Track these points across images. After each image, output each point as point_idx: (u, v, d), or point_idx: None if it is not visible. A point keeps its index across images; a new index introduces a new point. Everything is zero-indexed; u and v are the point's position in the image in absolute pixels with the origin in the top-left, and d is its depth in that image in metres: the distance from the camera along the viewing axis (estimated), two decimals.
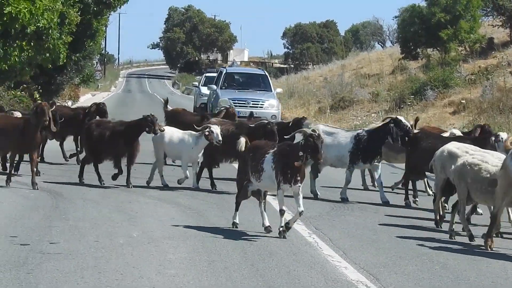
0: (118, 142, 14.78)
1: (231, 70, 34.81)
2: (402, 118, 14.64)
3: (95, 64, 62.97)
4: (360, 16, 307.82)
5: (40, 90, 33.41)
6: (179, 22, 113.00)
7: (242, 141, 11.14)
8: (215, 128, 14.39)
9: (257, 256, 9.48)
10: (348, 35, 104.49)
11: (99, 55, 61.47)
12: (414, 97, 36.30)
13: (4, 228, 10.57)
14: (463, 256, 10.12)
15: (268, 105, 29.09)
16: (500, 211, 10.69)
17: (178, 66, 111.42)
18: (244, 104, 28.53)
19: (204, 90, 36.93)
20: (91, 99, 55.37)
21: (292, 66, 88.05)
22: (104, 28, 36.30)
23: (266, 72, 34.08)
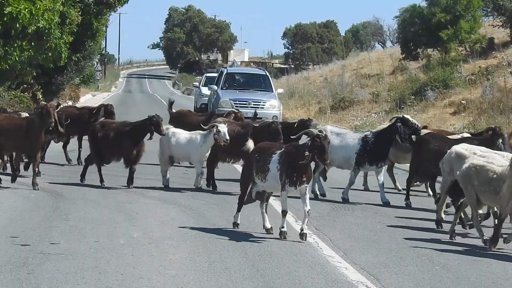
0: (124, 143, 14.73)
1: (232, 70, 34.55)
2: (409, 117, 14.56)
3: (96, 64, 62.96)
4: (361, 16, 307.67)
5: (41, 90, 33.44)
6: (180, 22, 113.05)
7: (250, 143, 11.11)
8: (222, 127, 14.29)
9: (257, 257, 9.48)
10: (349, 35, 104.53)
11: (99, 55, 61.50)
12: (415, 97, 36.29)
13: (5, 228, 10.58)
14: (463, 256, 10.12)
15: (269, 105, 28.95)
16: (507, 211, 10.56)
17: (179, 66, 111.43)
18: (245, 104, 28.41)
19: (205, 91, 36.85)
20: (91, 99, 55.42)
21: (292, 66, 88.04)
22: (104, 29, 36.29)
23: (267, 72, 33.90)
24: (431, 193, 15.48)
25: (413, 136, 14.21)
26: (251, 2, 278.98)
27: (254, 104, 28.48)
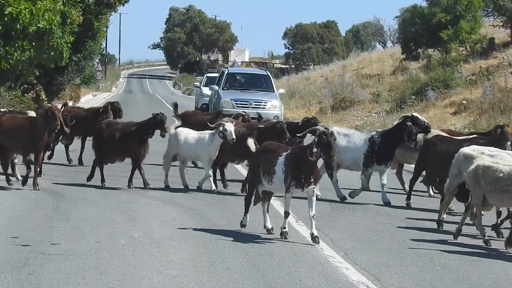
0: (130, 142, 14.68)
1: (233, 71, 34.31)
2: (418, 115, 14.51)
3: (96, 65, 63.01)
4: (361, 16, 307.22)
5: (44, 90, 33.46)
6: (180, 22, 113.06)
7: (250, 141, 11.04)
8: (229, 126, 14.20)
9: (258, 257, 9.48)
10: (349, 36, 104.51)
11: (100, 55, 61.56)
12: (415, 97, 36.30)
13: (5, 228, 10.58)
14: (464, 256, 10.11)
15: (271, 106, 28.78)
16: None
17: (179, 66, 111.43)
18: (246, 104, 28.29)
19: (206, 91, 36.79)
20: (92, 99, 55.42)
21: (293, 66, 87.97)
22: (105, 29, 36.31)
23: (269, 73, 33.77)
24: (432, 193, 15.49)
25: (420, 137, 14.12)
26: (252, 2, 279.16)
27: (255, 105, 28.36)
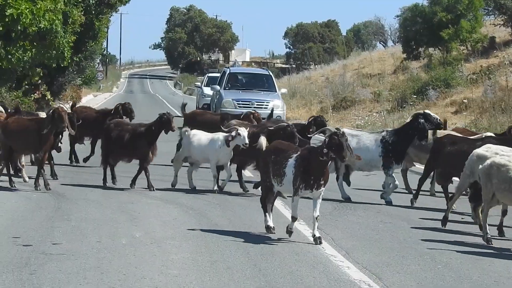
0: (139, 143, 14.60)
1: (234, 70, 34.02)
2: (430, 112, 14.48)
3: (97, 65, 63.03)
4: (362, 15, 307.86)
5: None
6: (181, 22, 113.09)
7: (262, 140, 10.98)
8: (243, 131, 14.04)
9: (259, 256, 9.48)
10: (350, 35, 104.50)
11: (100, 55, 61.58)
12: (416, 96, 36.31)
13: (7, 228, 10.58)
14: (465, 255, 10.11)
15: (273, 106, 28.61)
16: None
17: (180, 66, 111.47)
18: (248, 105, 28.16)
19: (207, 91, 36.77)
20: (93, 99, 55.47)
21: (293, 66, 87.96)
22: (106, 29, 36.32)
23: (270, 72, 33.65)
24: (434, 192, 15.48)
25: (432, 138, 14.11)
26: (252, 2, 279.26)
27: (257, 105, 28.21)
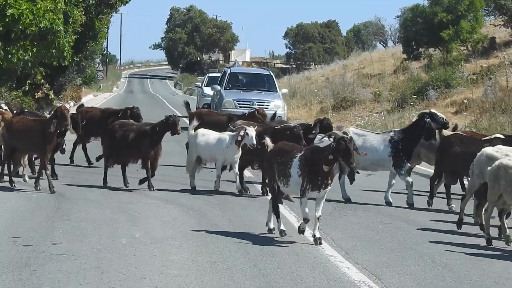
0: (143, 143, 14.57)
1: (235, 70, 33.76)
2: (436, 111, 14.49)
3: (97, 65, 63.04)
4: (362, 16, 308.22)
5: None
6: (181, 23, 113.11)
7: (268, 141, 10.94)
8: (250, 131, 13.94)
9: (259, 257, 9.48)
10: (350, 35, 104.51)
11: (101, 55, 61.61)
12: (416, 97, 36.29)
13: (7, 228, 10.58)
14: (465, 256, 10.12)
15: (274, 106, 28.33)
16: None
17: (180, 66, 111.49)
18: (249, 105, 28.04)
19: (207, 91, 36.71)
20: (93, 99, 55.45)
21: (294, 66, 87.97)
22: (106, 29, 36.32)
23: (271, 72, 33.52)
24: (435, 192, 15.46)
25: (438, 136, 14.11)
26: (253, 2, 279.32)
27: (258, 105, 27.98)
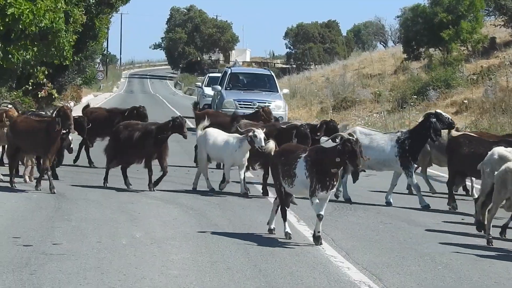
0: (147, 142, 14.51)
1: (236, 70, 33.61)
2: (441, 111, 14.49)
3: (97, 65, 63.03)
4: (362, 16, 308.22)
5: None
6: (181, 23, 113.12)
7: (271, 144, 10.93)
8: (259, 133, 13.79)
9: (259, 257, 9.48)
10: (350, 35, 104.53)
11: (101, 55, 61.59)
12: (417, 97, 36.29)
13: (7, 229, 10.58)
14: (465, 256, 10.11)
15: (275, 106, 28.12)
16: None
17: (180, 66, 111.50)
18: (249, 105, 28.00)
19: (208, 91, 36.68)
20: (93, 99, 55.42)
21: (294, 66, 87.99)
22: (106, 29, 36.31)
23: (272, 72, 33.29)
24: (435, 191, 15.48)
25: (447, 136, 14.12)
26: (253, 2, 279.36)
27: (259, 105, 27.98)
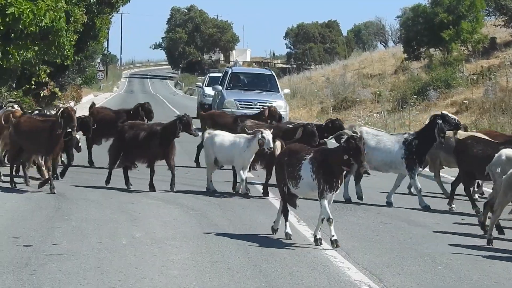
0: (153, 144, 14.46)
1: (237, 70, 33.56)
2: (447, 113, 14.50)
3: (98, 65, 63.00)
4: (362, 16, 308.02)
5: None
6: (182, 22, 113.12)
7: (278, 145, 10.89)
8: (267, 134, 13.70)
9: (260, 257, 9.48)
10: (351, 35, 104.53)
11: (101, 55, 61.56)
12: (417, 97, 36.31)
13: (7, 229, 10.58)
14: (465, 256, 10.12)
15: (276, 106, 28.33)
16: None
17: (181, 66, 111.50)
18: (250, 105, 27.96)
19: (208, 91, 36.66)
20: (93, 99, 55.41)
21: (294, 66, 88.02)
22: (107, 29, 36.29)
23: (273, 72, 33.18)
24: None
25: (453, 137, 14.12)
26: (253, 2, 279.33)
27: (260, 105, 27.79)
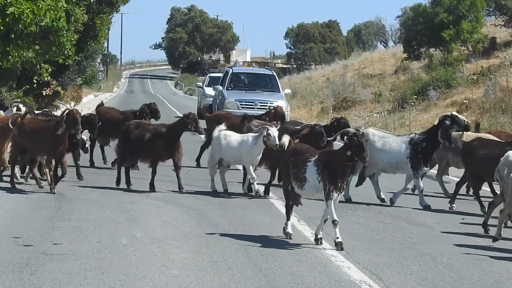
0: (159, 144, 14.41)
1: (237, 70, 33.31)
2: (457, 114, 14.49)
3: (98, 65, 62.99)
4: (363, 16, 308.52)
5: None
6: (182, 22, 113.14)
7: (286, 138, 10.86)
8: (273, 131, 13.71)
9: (260, 256, 9.48)
10: (351, 35, 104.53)
11: (101, 55, 61.55)
12: (417, 97, 36.31)
13: (7, 229, 10.58)
14: (466, 255, 10.12)
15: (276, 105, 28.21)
16: None
17: (181, 66, 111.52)
18: (251, 105, 27.90)
19: (209, 91, 36.59)
20: (93, 100, 55.42)
21: (294, 66, 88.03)
22: (107, 30, 36.29)
23: (274, 72, 33.05)
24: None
25: (459, 138, 14.11)
26: (253, 2, 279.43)
27: (260, 105, 27.76)
